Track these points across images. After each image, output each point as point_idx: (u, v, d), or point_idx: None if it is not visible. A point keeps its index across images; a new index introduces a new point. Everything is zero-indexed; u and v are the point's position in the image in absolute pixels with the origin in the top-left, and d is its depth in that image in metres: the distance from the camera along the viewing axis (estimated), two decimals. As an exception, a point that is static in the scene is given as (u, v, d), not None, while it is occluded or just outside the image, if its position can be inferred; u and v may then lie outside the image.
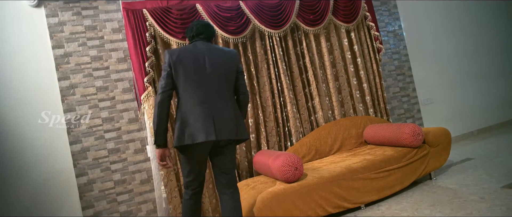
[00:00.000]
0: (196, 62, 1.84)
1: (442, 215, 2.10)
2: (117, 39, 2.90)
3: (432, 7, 4.50)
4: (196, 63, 1.84)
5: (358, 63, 3.64)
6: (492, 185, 2.46)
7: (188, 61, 1.84)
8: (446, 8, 4.58)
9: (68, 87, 2.73)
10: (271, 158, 2.53)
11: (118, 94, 2.86)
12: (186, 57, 1.84)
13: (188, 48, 1.91)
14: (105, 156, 2.76)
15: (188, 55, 1.85)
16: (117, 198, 2.76)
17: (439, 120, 4.21)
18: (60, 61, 2.72)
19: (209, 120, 1.76)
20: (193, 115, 1.77)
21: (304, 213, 2.27)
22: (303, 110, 3.33)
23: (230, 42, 3.04)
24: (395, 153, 2.68)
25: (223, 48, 2.01)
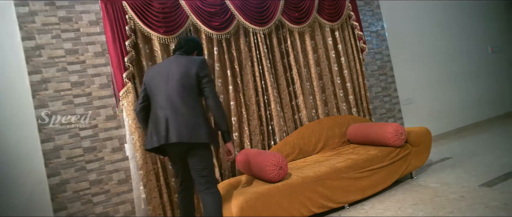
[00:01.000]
0: (159, 75, 2.08)
1: (424, 214, 2.11)
2: (94, 32, 2.75)
3: (414, 9, 4.58)
4: (160, 76, 2.07)
5: (342, 62, 3.65)
6: (470, 183, 2.52)
7: (153, 75, 2.11)
8: (425, 10, 4.68)
9: (40, 82, 2.56)
10: (255, 157, 2.48)
11: (95, 90, 2.72)
12: (153, 73, 2.13)
13: (159, 64, 2.23)
14: (80, 154, 2.62)
15: (155, 70, 2.14)
16: (93, 199, 2.62)
17: (419, 120, 4.29)
18: (31, 54, 2.55)
19: (162, 125, 1.94)
20: (153, 121, 2.02)
21: (288, 213, 2.23)
22: (287, 108, 3.30)
23: (213, 38, 2.96)
24: (379, 152, 2.70)
25: (190, 57, 2.13)
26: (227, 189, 2.43)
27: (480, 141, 3.93)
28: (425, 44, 4.61)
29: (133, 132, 2.56)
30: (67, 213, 2.53)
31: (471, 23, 5.10)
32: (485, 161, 3.07)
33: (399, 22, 4.42)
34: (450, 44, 4.84)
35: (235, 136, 2.99)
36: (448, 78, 4.74)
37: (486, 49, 5.24)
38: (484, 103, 5.04)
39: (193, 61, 2.06)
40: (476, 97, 4.95)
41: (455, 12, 4.94)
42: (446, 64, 4.76)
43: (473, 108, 4.90)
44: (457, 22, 4.96)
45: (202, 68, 2.03)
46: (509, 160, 2.95)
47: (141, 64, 2.72)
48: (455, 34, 4.91)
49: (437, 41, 4.73)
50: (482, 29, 5.22)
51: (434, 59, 4.66)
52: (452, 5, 4.91)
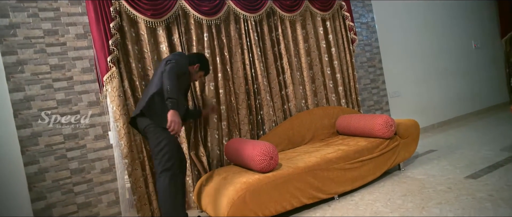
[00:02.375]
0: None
1: (414, 205, 2.13)
2: (75, 12, 2.58)
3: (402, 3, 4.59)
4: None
5: (332, 53, 3.62)
6: (456, 175, 2.56)
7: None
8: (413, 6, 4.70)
9: (15, 64, 2.38)
10: (244, 147, 2.42)
11: (76, 74, 2.56)
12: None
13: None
14: (60, 142, 2.48)
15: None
16: (74, 189, 2.50)
17: (405, 113, 4.35)
18: (5, 33, 2.36)
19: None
20: None
21: (279, 204, 2.20)
22: (277, 98, 3.25)
23: (203, 24, 2.84)
24: (368, 144, 2.70)
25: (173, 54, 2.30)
26: (215, 179, 2.37)
27: (462, 135, 4.03)
28: (412, 39, 4.65)
29: (117, 119, 2.44)
30: (46, 203, 2.40)
31: (456, 20, 5.18)
32: (467, 154, 3.14)
33: (388, 15, 4.42)
34: (436, 40, 4.91)
35: (224, 125, 2.92)
36: (433, 73, 4.81)
37: (470, 44, 5.35)
38: (465, 98, 5.16)
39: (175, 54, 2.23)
40: (456, 94, 5.06)
41: (441, 9, 5.00)
42: (432, 59, 4.82)
43: (454, 103, 5.02)
44: (443, 19, 5.02)
45: (173, 56, 2.18)
46: (488, 153, 3.03)
47: (126, 48, 2.59)
48: (440, 31, 4.98)
49: (424, 36, 4.77)
50: (466, 26, 5.31)
51: (420, 53, 4.71)
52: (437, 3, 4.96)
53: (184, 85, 2.29)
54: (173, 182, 2.03)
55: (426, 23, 4.82)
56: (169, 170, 2.03)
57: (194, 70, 2.41)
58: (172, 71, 2.01)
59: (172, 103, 1.94)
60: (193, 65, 2.39)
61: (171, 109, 1.94)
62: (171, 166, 2.04)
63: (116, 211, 2.62)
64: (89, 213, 2.53)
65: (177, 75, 2.06)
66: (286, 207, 2.23)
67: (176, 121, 1.93)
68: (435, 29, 4.92)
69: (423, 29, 4.77)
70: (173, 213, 2.04)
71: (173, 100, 1.94)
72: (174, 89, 1.96)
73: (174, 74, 2.02)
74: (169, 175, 2.03)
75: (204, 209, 2.36)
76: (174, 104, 1.94)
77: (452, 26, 5.13)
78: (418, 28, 4.72)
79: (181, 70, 2.14)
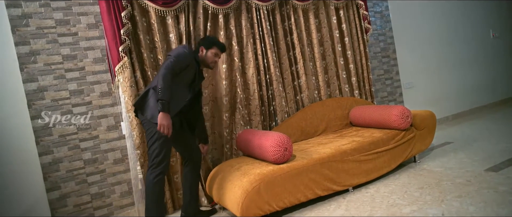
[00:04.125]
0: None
1: (432, 197, 2.07)
2: (87, 2, 2.56)
3: (418, -10, 4.45)
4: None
5: (345, 42, 3.53)
6: (475, 168, 2.49)
7: None
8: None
9: (28, 54, 2.38)
10: (258, 138, 2.38)
11: (88, 64, 2.55)
12: None
13: None
14: (73, 132, 2.48)
15: None
16: (88, 179, 2.51)
17: (419, 104, 4.25)
18: (17, 23, 2.35)
19: None
20: None
21: (293, 195, 2.17)
22: (289, 88, 3.19)
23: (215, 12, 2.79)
24: (384, 135, 2.64)
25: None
26: (228, 171, 2.35)
27: (478, 127, 3.93)
28: (427, 29, 4.52)
29: (129, 109, 2.42)
30: (61, 193, 2.42)
31: (473, 9, 5.01)
32: (485, 146, 3.05)
33: (403, 3, 4.29)
34: (452, 30, 4.76)
35: (226, 117, 2.87)
36: (448, 64, 4.68)
37: (488, 34, 5.19)
38: (481, 90, 5.02)
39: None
40: (470, 85, 4.93)
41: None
42: (447, 49, 4.69)
43: (470, 94, 4.89)
44: (459, 8, 4.86)
45: (175, 50, 2.16)
46: (507, 146, 2.94)
47: (138, 38, 2.56)
48: (457, 20, 4.83)
49: (439, 25, 4.64)
50: (484, 14, 5.14)
51: (435, 43, 4.58)
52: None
53: (188, 78, 2.19)
54: (157, 179, 1.99)
55: (442, 13, 4.67)
56: (156, 167, 2.00)
57: (203, 55, 2.31)
58: (168, 69, 1.97)
59: (162, 105, 1.90)
60: (200, 52, 2.31)
61: (161, 111, 1.90)
62: (158, 162, 2.00)
63: (129, 201, 2.63)
64: (102, 204, 2.55)
65: (176, 72, 2.03)
66: (300, 199, 2.20)
67: (165, 124, 1.90)
68: (451, 19, 4.77)
69: (438, 19, 4.63)
70: (151, 212, 2.01)
71: (163, 102, 1.90)
72: (166, 90, 1.91)
73: (170, 71, 1.97)
74: (156, 172, 2.00)
75: (217, 201, 2.34)
76: (164, 107, 1.90)
77: (469, 15, 4.96)
78: (434, 18, 4.58)
79: (182, 64, 2.09)
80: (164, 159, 2.03)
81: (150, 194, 2.01)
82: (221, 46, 2.37)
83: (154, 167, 2.00)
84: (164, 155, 2.02)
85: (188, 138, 2.32)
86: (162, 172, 2.03)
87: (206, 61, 2.32)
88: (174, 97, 2.04)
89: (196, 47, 2.36)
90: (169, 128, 1.92)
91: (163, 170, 2.03)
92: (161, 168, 2.01)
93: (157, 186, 2.01)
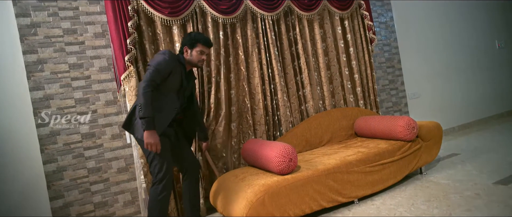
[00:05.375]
0: None
1: (440, 211, 2.03)
2: (94, 12, 2.59)
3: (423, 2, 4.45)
4: None
5: (350, 53, 3.53)
6: (484, 181, 2.44)
7: None
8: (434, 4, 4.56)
9: (35, 63, 2.40)
10: (262, 148, 2.37)
11: (94, 73, 2.57)
12: None
13: None
14: (78, 140, 2.48)
15: None
16: (91, 188, 2.50)
17: (424, 115, 4.22)
18: (26, 32, 2.38)
19: None
20: None
21: (298, 207, 2.14)
22: (294, 98, 3.18)
23: (219, 22, 2.81)
24: (389, 146, 2.60)
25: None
26: (232, 181, 2.33)
27: (485, 138, 3.87)
28: (433, 39, 4.51)
29: (134, 118, 2.42)
30: (64, 202, 2.41)
31: (478, 19, 5.00)
32: (493, 158, 3.00)
33: (408, 13, 4.30)
34: (457, 40, 4.75)
35: (233, 126, 2.86)
36: (454, 74, 4.65)
37: (494, 44, 5.16)
38: (488, 100, 4.97)
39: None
40: (480, 95, 4.88)
41: (462, 8, 4.83)
42: (453, 59, 4.67)
43: (477, 105, 4.84)
44: (465, 18, 4.85)
45: (154, 57, 2.02)
46: (517, 158, 2.90)
47: (144, 48, 2.57)
48: (462, 30, 4.81)
49: (445, 36, 4.63)
50: (490, 25, 5.13)
51: (441, 53, 4.56)
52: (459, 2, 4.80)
53: (174, 85, 2.07)
54: (161, 197, 1.95)
55: (447, 23, 4.67)
56: (159, 183, 1.95)
57: (189, 56, 2.15)
58: (148, 81, 1.88)
59: (146, 123, 1.83)
60: (184, 53, 2.16)
61: (145, 130, 1.84)
62: (161, 177, 1.95)
63: (132, 211, 2.61)
64: (106, 213, 2.53)
65: (157, 82, 1.93)
66: (305, 211, 2.17)
67: (151, 142, 1.85)
68: (457, 29, 4.76)
69: (444, 29, 4.62)
70: None
71: (146, 120, 1.83)
72: (147, 106, 1.83)
73: (150, 84, 1.88)
74: (159, 188, 1.95)
75: (221, 212, 2.32)
76: (148, 124, 1.83)
77: (474, 26, 4.95)
78: (439, 28, 4.57)
79: (164, 72, 1.97)
80: (166, 173, 1.96)
81: (153, 210, 1.96)
82: (205, 41, 2.17)
83: (158, 183, 1.95)
84: (166, 170, 1.96)
85: (184, 150, 2.23)
86: (166, 187, 1.97)
87: (193, 62, 2.17)
88: (163, 109, 1.98)
89: (180, 48, 2.20)
90: (156, 145, 1.86)
91: (167, 184, 1.97)
92: (164, 183, 1.95)
93: (160, 204, 1.96)
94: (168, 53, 2.04)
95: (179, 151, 2.20)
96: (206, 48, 2.18)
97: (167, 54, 2.02)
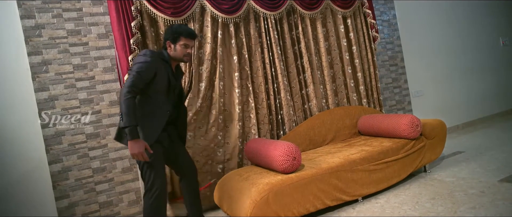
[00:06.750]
0: None
1: (444, 209, 2.03)
2: (97, 13, 2.61)
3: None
4: None
5: (353, 51, 3.53)
6: (489, 178, 2.43)
7: None
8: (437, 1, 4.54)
9: (40, 64, 2.42)
10: (266, 147, 2.37)
11: (98, 73, 2.59)
12: None
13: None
14: (82, 141, 2.50)
15: None
16: (96, 188, 2.52)
17: (428, 113, 4.20)
18: (31, 34, 2.40)
19: None
20: None
21: (302, 206, 2.14)
22: (297, 97, 3.18)
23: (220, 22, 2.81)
24: (393, 145, 2.60)
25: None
26: (236, 180, 2.33)
27: (489, 136, 3.85)
28: (436, 36, 4.49)
29: (138, 118, 2.43)
30: (69, 202, 2.43)
31: (482, 16, 4.97)
32: (498, 156, 2.98)
33: (411, 11, 4.28)
34: (460, 37, 4.72)
35: (239, 126, 2.86)
36: (457, 72, 4.63)
37: (498, 41, 5.13)
38: (492, 98, 4.95)
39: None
40: (484, 92, 4.86)
41: (465, 4, 4.81)
42: (456, 57, 4.64)
43: (481, 103, 4.81)
44: (468, 15, 4.83)
45: (136, 60, 1.88)
46: (523, 155, 2.88)
47: (147, 48, 2.58)
48: (465, 27, 4.79)
49: (448, 33, 4.60)
50: (494, 22, 5.09)
51: (444, 51, 4.54)
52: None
53: (162, 86, 1.94)
54: (155, 203, 1.85)
55: (450, 20, 4.65)
56: (150, 190, 1.85)
57: (172, 51, 2.01)
58: (130, 87, 1.75)
59: (129, 133, 1.71)
60: (168, 49, 2.02)
61: (129, 140, 1.73)
62: (150, 186, 1.85)
63: (136, 210, 2.62)
64: (110, 212, 2.55)
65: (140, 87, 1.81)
66: (309, 209, 2.17)
67: (136, 153, 1.73)
68: (460, 26, 4.74)
69: (447, 26, 4.60)
70: None
71: (128, 129, 1.71)
72: (129, 114, 1.71)
73: (133, 90, 1.76)
74: (151, 196, 1.85)
75: (225, 211, 2.32)
76: (132, 134, 1.71)
77: (478, 23, 4.92)
78: (442, 25, 4.55)
79: (147, 75, 1.84)
80: (156, 181, 1.85)
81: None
82: (188, 33, 2.01)
83: (149, 191, 1.85)
84: (156, 178, 1.85)
85: (180, 153, 2.13)
86: (158, 197, 1.85)
87: (178, 57, 2.01)
88: (155, 114, 1.90)
89: (163, 43, 2.05)
90: (142, 154, 1.75)
91: (159, 194, 1.85)
92: (154, 193, 1.84)
93: (154, 212, 1.87)
94: (149, 54, 1.89)
95: (174, 155, 2.10)
96: (190, 41, 2.02)
97: (148, 55, 1.88)
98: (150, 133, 1.86)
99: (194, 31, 2.07)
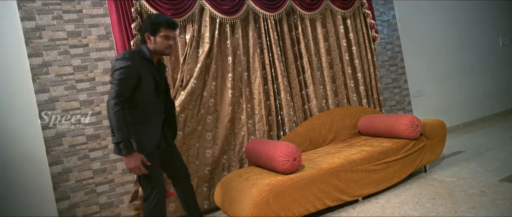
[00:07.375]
0: None
1: (445, 209, 2.03)
2: (97, 14, 2.61)
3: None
4: None
5: (353, 51, 3.53)
6: (489, 178, 2.44)
7: None
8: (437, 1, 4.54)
9: (41, 66, 2.42)
10: (266, 148, 2.38)
11: (98, 75, 2.59)
12: None
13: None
14: (83, 142, 2.50)
15: None
16: (97, 189, 2.52)
17: (428, 113, 4.20)
18: (31, 35, 2.40)
19: None
20: None
21: (302, 206, 2.14)
22: (297, 98, 3.19)
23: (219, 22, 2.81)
24: (393, 145, 2.60)
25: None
26: (237, 181, 2.34)
27: (490, 136, 3.85)
28: (435, 36, 4.49)
29: (139, 119, 2.44)
30: (70, 203, 2.43)
31: (482, 16, 4.97)
32: (498, 155, 2.99)
33: (410, 12, 4.29)
34: (460, 37, 4.72)
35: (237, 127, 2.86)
36: (457, 72, 4.63)
37: (498, 41, 5.13)
38: (492, 98, 4.95)
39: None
40: (484, 92, 4.86)
41: (465, 4, 4.81)
42: (456, 57, 4.64)
43: (481, 102, 4.81)
44: (468, 15, 4.83)
45: (112, 68, 1.74)
46: (523, 155, 2.88)
47: (147, 49, 2.59)
48: (465, 27, 4.79)
49: (447, 33, 4.60)
50: (493, 22, 5.09)
51: (444, 51, 4.54)
52: None
53: (149, 86, 1.81)
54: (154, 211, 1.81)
55: (450, 20, 4.65)
56: (148, 199, 1.81)
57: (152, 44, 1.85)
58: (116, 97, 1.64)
59: (123, 148, 1.63)
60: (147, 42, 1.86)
61: (125, 156, 1.65)
62: (149, 195, 1.81)
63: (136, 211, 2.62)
64: (111, 213, 2.55)
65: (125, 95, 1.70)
66: (310, 210, 2.17)
67: (133, 167, 1.67)
68: (460, 26, 4.74)
69: (446, 26, 4.60)
70: None
71: (123, 144, 1.62)
72: (121, 128, 1.62)
73: (119, 100, 1.65)
74: (151, 204, 1.80)
75: (226, 212, 2.33)
76: (126, 149, 1.63)
77: (477, 22, 4.92)
78: (441, 25, 4.56)
79: (130, 80, 1.71)
80: (153, 187, 1.80)
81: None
82: (168, 23, 1.84)
83: (146, 199, 1.82)
84: (151, 185, 1.80)
85: (174, 157, 2.06)
86: (157, 203, 1.81)
87: (159, 50, 1.86)
88: (151, 120, 1.84)
89: (142, 36, 1.89)
90: (140, 168, 1.69)
91: (158, 200, 1.81)
92: (153, 199, 1.80)
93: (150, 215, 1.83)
94: (128, 56, 1.74)
95: (169, 158, 2.03)
96: (170, 31, 1.86)
97: (127, 58, 1.72)
98: (146, 142, 1.79)
99: (175, 21, 1.91)
